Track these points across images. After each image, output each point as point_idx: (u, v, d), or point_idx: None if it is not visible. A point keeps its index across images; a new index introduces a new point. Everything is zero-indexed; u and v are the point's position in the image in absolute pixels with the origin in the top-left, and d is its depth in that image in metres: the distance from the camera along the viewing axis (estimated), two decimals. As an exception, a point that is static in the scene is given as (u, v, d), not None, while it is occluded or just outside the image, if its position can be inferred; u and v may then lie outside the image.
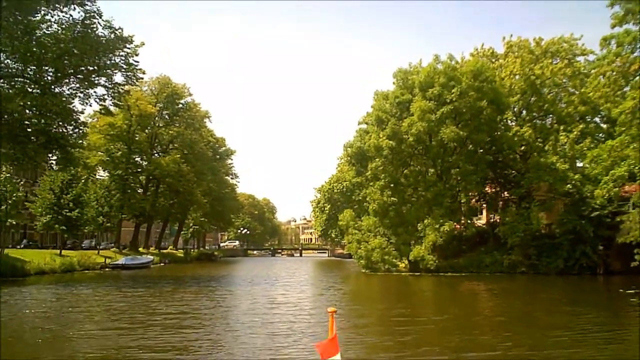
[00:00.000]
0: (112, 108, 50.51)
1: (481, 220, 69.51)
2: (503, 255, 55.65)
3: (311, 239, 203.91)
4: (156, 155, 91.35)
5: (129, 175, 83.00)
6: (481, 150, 58.69)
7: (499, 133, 57.13)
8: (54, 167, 55.14)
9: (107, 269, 62.42)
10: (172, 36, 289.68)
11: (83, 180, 67.71)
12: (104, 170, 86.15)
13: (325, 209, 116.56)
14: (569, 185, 52.68)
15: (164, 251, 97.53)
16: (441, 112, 53.36)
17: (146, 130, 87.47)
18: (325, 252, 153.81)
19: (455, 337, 17.90)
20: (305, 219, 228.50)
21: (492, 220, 66.42)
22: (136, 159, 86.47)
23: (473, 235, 65.14)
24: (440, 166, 58.51)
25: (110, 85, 48.32)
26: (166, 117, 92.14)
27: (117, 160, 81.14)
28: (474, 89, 53.49)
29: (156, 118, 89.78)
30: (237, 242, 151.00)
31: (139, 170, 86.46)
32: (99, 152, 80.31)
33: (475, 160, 57.07)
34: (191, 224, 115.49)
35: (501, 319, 23.43)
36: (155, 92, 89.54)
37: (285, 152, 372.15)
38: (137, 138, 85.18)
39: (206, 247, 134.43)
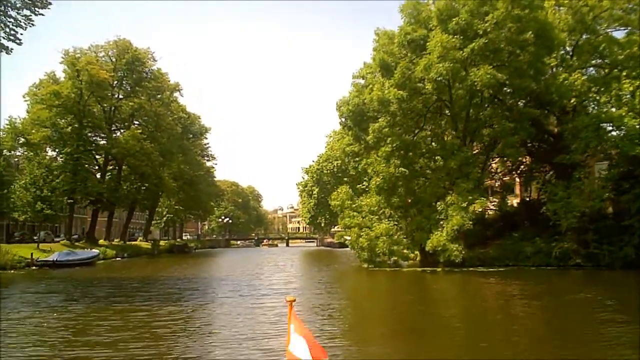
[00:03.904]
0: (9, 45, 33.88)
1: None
2: (551, 244, 39.78)
3: (299, 227, 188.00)
4: (117, 132, 74.87)
5: (81, 154, 66.06)
6: (523, 103, 42.67)
7: (544, 80, 40.84)
8: None
9: (34, 267, 46.30)
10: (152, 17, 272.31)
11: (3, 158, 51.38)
12: (53, 150, 69.62)
13: (314, 192, 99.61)
14: (644, 146, 36.80)
15: (131, 243, 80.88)
16: (471, 48, 37.16)
17: (104, 104, 70.74)
18: (313, 242, 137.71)
19: None
20: (292, 207, 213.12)
21: (526, 197, 50.64)
22: (90, 135, 69.49)
23: (497, 218, 49.62)
24: (466, 125, 42.32)
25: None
26: (127, 87, 75.35)
27: (66, 137, 64.68)
28: (513, 19, 37.48)
29: (114, 88, 73.26)
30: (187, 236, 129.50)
31: (91, 148, 69.37)
32: (43, 128, 63.83)
33: (514, 115, 41.10)
34: (165, 213, 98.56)
35: None
36: (113, 58, 72.86)
37: (272, 139, 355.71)
38: (94, 111, 68.81)
39: (184, 238, 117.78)
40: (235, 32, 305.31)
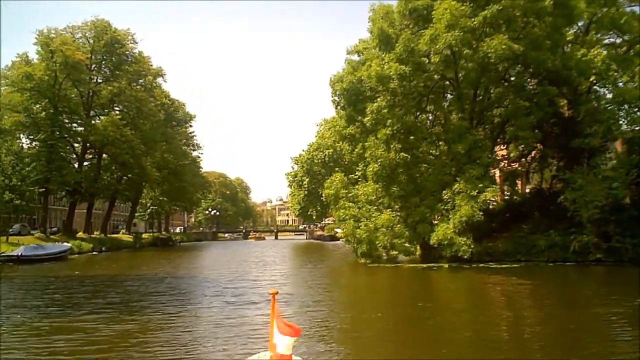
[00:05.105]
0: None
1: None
2: (569, 237, 35.01)
3: (288, 220, 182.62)
4: (96, 118, 69.14)
5: (56, 141, 60.33)
6: (536, 81, 37.79)
7: (560, 55, 35.95)
8: None
9: (-3, 263, 41.18)
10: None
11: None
12: (27, 137, 63.91)
13: (304, 183, 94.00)
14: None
15: (111, 236, 75.32)
16: (483, 16, 32.27)
17: (81, 88, 64.96)
18: (303, 234, 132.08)
19: None
20: (281, 199, 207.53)
21: (536, 186, 45.76)
22: (66, 122, 63.64)
23: (502, 208, 44.87)
24: (473, 105, 37.32)
25: None
26: (106, 71, 69.63)
27: (41, 122, 59.04)
28: (530, -17, 32.63)
29: (92, 71, 67.60)
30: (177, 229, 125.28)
31: (67, 135, 63.55)
32: (15, 113, 58.17)
33: (528, 94, 36.29)
34: (148, 204, 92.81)
35: None
36: (91, 40, 67.10)
37: (261, 131, 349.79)
38: (70, 96, 63.08)
39: (171, 230, 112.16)
40: (228, 28, 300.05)
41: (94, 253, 56.79)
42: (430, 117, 42.14)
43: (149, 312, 16.85)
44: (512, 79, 38.97)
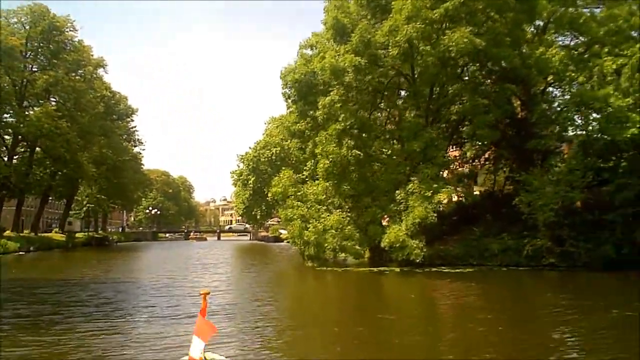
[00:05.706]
0: None
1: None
2: (522, 240, 33.46)
3: (231, 220, 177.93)
4: (30, 109, 63.96)
5: (-17, 133, 55.26)
6: (493, 78, 36.16)
7: (519, 53, 34.26)
8: None
9: None
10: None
11: None
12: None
13: (249, 182, 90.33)
14: (633, 130, 31.19)
15: (42, 235, 69.94)
16: (445, 8, 30.18)
17: (14, 76, 59.71)
18: (246, 235, 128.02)
19: None
20: (225, 199, 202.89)
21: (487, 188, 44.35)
22: (-6, 112, 58.54)
23: (451, 211, 43.26)
24: (429, 102, 35.28)
25: None
26: (42, 59, 64.64)
27: (-31, 112, 54.02)
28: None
29: (28, 59, 62.55)
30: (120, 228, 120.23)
31: (-1, 126, 58.59)
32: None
33: (486, 92, 34.59)
34: (85, 202, 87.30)
35: None
36: (27, 26, 62.09)
37: (206, 128, 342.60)
38: (2, 84, 57.87)
39: (109, 230, 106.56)
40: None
41: (20, 253, 51.87)
42: (383, 115, 39.99)
43: (60, 329, 13.54)
44: (466, 78, 37.43)
